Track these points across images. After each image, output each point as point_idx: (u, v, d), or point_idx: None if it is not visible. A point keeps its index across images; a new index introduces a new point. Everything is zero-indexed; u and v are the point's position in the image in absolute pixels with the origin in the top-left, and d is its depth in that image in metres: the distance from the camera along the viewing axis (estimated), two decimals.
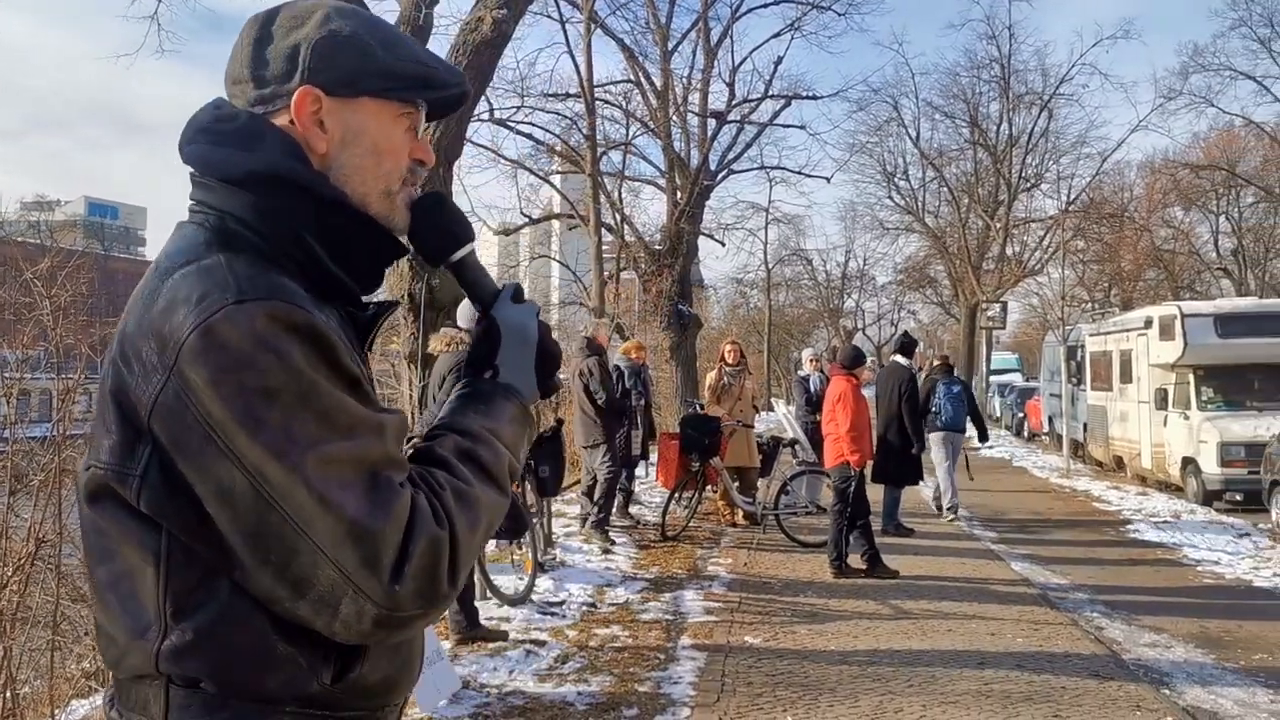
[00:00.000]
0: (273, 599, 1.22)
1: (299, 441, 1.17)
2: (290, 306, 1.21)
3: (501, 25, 7.74)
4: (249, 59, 1.37)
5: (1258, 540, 10.89)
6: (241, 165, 1.31)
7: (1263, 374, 14.83)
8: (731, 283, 45.26)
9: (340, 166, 1.36)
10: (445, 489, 1.28)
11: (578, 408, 10.16)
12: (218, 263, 1.24)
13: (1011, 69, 36.28)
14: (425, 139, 1.47)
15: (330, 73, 1.34)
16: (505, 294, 1.51)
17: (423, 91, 1.42)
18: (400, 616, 1.22)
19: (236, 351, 1.16)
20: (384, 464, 1.23)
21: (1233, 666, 6.45)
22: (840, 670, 6.21)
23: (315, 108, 1.34)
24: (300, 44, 1.35)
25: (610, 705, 5.49)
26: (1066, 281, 23.62)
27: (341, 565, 1.18)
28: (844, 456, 8.97)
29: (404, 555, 1.20)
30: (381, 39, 1.39)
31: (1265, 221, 37.56)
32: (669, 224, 21.79)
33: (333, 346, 1.23)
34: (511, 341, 1.47)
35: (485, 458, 1.36)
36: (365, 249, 1.38)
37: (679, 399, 18.75)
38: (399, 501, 1.21)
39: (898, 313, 55.53)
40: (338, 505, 1.17)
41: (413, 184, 1.45)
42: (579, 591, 8.01)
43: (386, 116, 1.39)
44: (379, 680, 1.35)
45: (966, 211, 38.92)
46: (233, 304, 1.18)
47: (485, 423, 1.39)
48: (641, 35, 23.13)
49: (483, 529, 1.33)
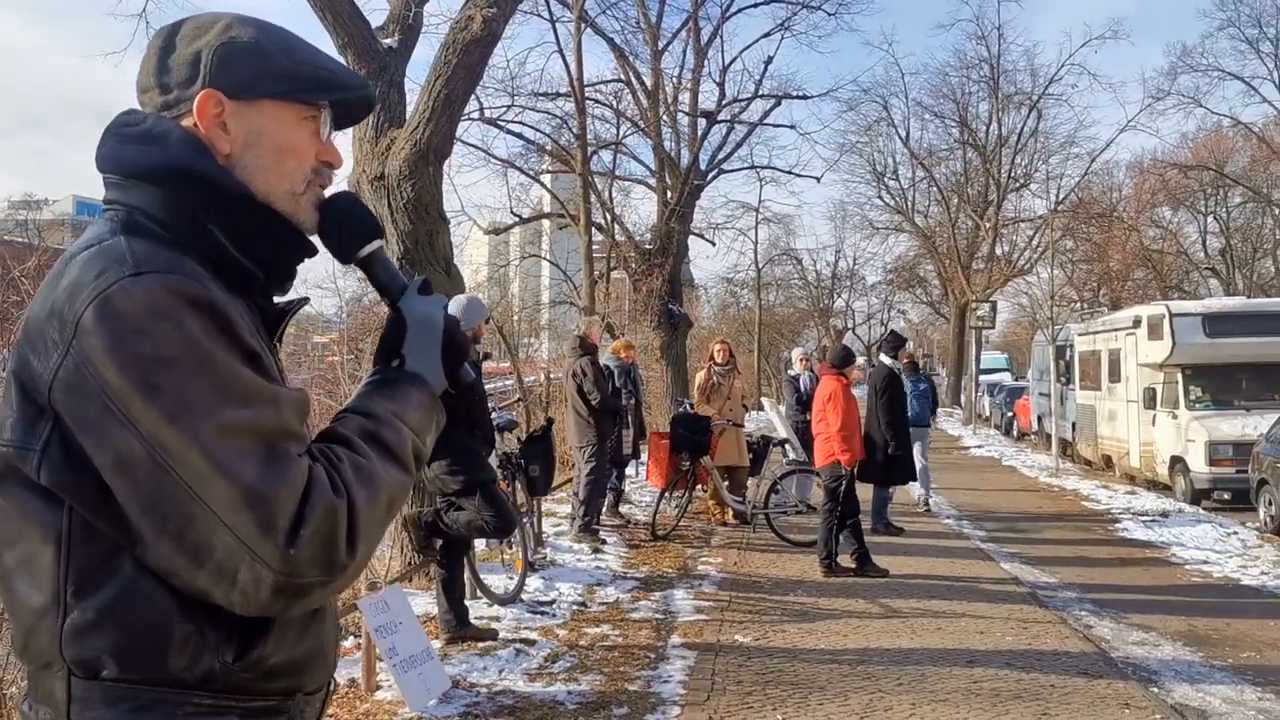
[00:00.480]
0: (172, 570, 1.24)
1: (195, 408, 1.20)
2: (186, 279, 1.25)
3: (491, 24, 7.72)
4: (154, 67, 1.44)
5: (1245, 539, 10.92)
6: (146, 160, 1.37)
7: (1250, 373, 14.89)
8: (722, 282, 45.32)
9: (244, 167, 1.41)
10: (344, 461, 1.31)
11: (570, 408, 10.10)
12: (117, 242, 1.29)
13: (1001, 69, 36.55)
14: (332, 142, 1.53)
15: (231, 77, 1.40)
16: (412, 287, 1.55)
17: (322, 94, 1.48)
18: (298, 583, 1.23)
19: (133, 321, 1.20)
20: (280, 435, 1.26)
21: (1220, 664, 6.47)
22: (830, 669, 6.21)
23: (217, 110, 1.40)
24: (202, 50, 1.40)
25: (600, 704, 5.49)
26: (1055, 281, 23.64)
27: (236, 530, 1.19)
28: (834, 456, 8.98)
29: (299, 520, 1.22)
30: (280, 45, 1.45)
31: (1253, 221, 37.76)
32: (659, 223, 21.80)
33: (229, 320, 1.27)
34: (417, 332, 1.51)
35: (388, 437, 1.39)
36: (272, 243, 1.43)
37: (669, 398, 18.75)
38: (295, 469, 1.24)
39: (887, 312, 55.65)
40: (233, 471, 1.19)
41: (320, 185, 1.50)
42: (569, 591, 8.00)
43: (288, 119, 1.45)
44: (285, 662, 1.36)
45: (956, 211, 39.09)
46: (129, 276, 1.23)
47: (390, 406, 1.43)
48: (632, 35, 23.17)
49: (384, 504, 1.34)
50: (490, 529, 6.38)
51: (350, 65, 7.90)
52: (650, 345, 20.09)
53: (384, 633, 5.13)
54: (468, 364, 1.60)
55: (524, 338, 32.02)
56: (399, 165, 7.57)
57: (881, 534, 10.80)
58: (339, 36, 7.79)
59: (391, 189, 7.60)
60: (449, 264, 8.01)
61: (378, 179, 7.64)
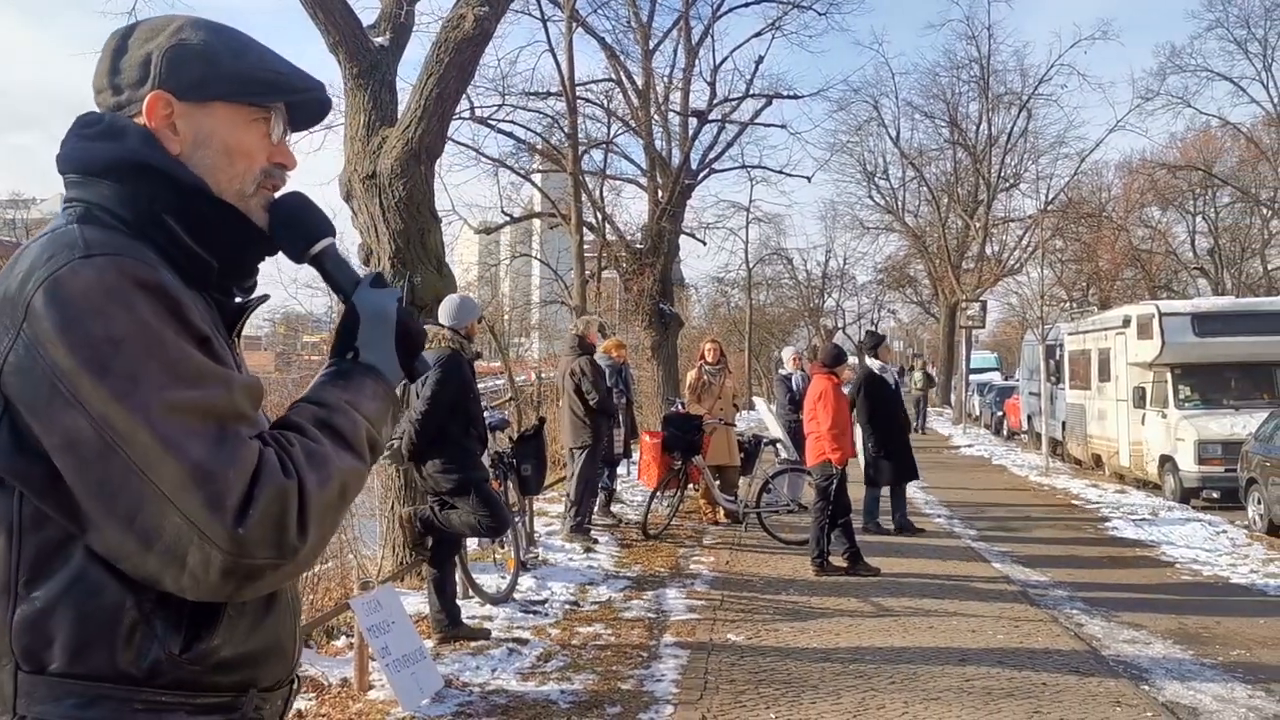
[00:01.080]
0: (121, 555, 1.23)
1: (144, 387, 1.20)
2: (137, 262, 1.26)
3: (483, 23, 7.70)
4: (107, 69, 1.46)
5: (1234, 537, 10.97)
6: (104, 156, 1.39)
7: (1239, 372, 14.96)
8: (712, 282, 45.29)
9: (193, 167, 1.43)
10: (295, 445, 1.31)
11: (567, 408, 10.06)
12: (70, 230, 1.30)
13: (991, 69, 36.59)
14: (286, 143, 1.54)
15: (180, 79, 1.42)
16: (365, 281, 1.57)
17: (273, 96, 1.50)
18: (248, 564, 1.22)
19: (83, 301, 1.21)
20: (230, 416, 1.26)
21: (1211, 662, 6.50)
22: (823, 667, 6.22)
23: (167, 111, 1.42)
24: (153, 53, 1.43)
25: (593, 703, 5.49)
26: (1045, 281, 23.73)
27: (184, 509, 1.19)
28: (825, 455, 8.99)
29: (248, 499, 1.22)
30: (231, 47, 1.46)
31: (1241, 221, 37.89)
32: (650, 223, 21.78)
33: (180, 303, 1.27)
34: (370, 325, 1.52)
35: (341, 424, 1.40)
36: (228, 236, 1.44)
37: (660, 398, 18.75)
38: (245, 450, 1.24)
39: (878, 312, 55.68)
40: (182, 449, 1.20)
41: (271, 187, 1.52)
42: (561, 590, 8.00)
43: (238, 120, 1.47)
44: (235, 656, 1.35)
45: (946, 211, 39.15)
46: (80, 259, 1.24)
47: (343, 395, 1.44)
48: (623, 34, 23.13)
49: (336, 489, 1.34)
50: (484, 528, 6.37)
51: (342, 64, 7.89)
52: (641, 344, 20.07)
53: (376, 632, 5.12)
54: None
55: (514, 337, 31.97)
56: (391, 164, 7.56)
57: (873, 534, 10.81)
58: (330, 35, 7.77)
59: (383, 188, 7.58)
60: (441, 263, 8.00)
61: (369, 178, 7.62)
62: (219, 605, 1.31)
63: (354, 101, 7.93)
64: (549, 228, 28.03)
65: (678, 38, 23.48)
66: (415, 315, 1.59)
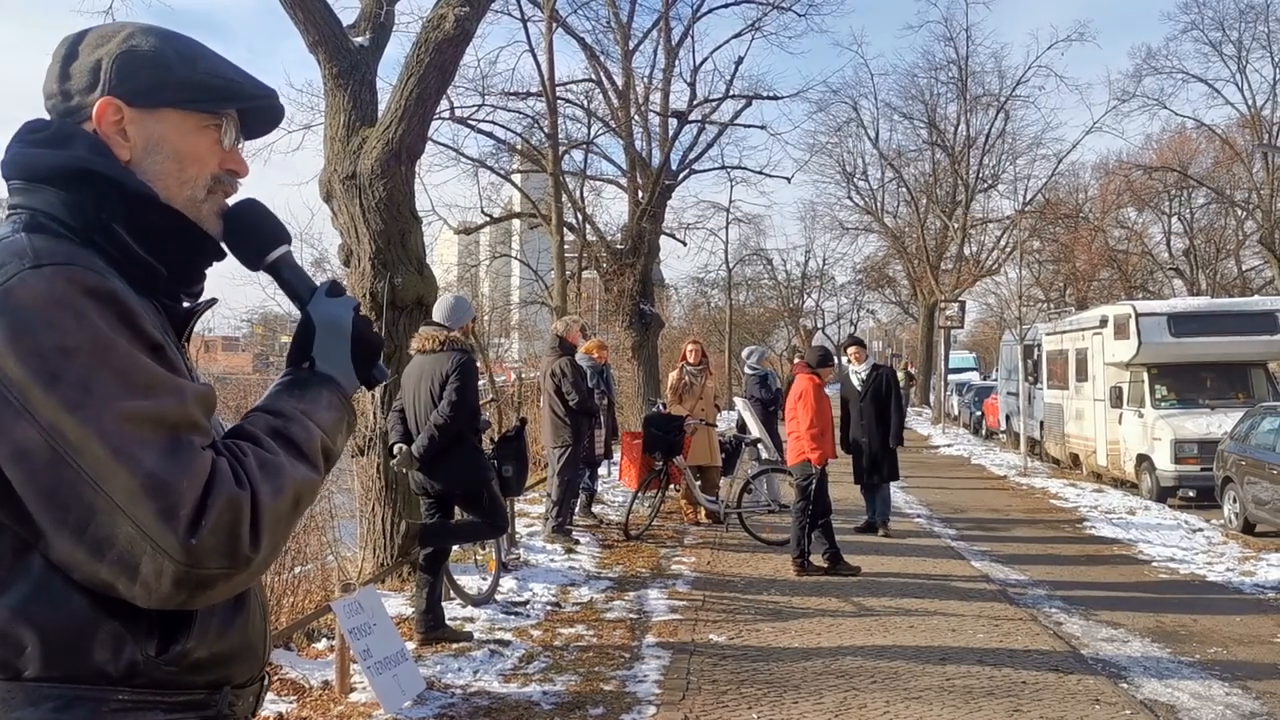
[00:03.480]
0: (73, 564, 1.22)
1: (95, 396, 1.19)
2: (87, 271, 1.25)
3: (464, 23, 7.68)
4: (57, 74, 1.45)
5: (1210, 535, 11.07)
6: (49, 162, 1.38)
7: (1215, 372, 15.12)
8: (692, 282, 45.46)
9: (143, 172, 1.42)
10: (248, 455, 1.31)
11: (547, 408, 10.06)
12: (19, 239, 1.28)
13: (969, 71, 36.76)
14: (237, 150, 1.54)
15: (130, 85, 1.41)
16: (320, 290, 1.57)
17: (224, 103, 1.49)
18: (200, 574, 1.22)
19: (33, 312, 1.19)
20: (183, 425, 1.25)
21: (1188, 660, 6.56)
22: (804, 667, 6.24)
23: (116, 117, 1.41)
24: (103, 59, 1.42)
25: (576, 704, 5.48)
26: (1023, 281, 23.86)
27: (137, 520, 1.18)
28: (804, 454, 9.01)
29: (201, 509, 1.21)
30: (182, 54, 1.46)
31: (1216, 222, 38.28)
32: (631, 223, 21.79)
33: (131, 311, 1.26)
34: (325, 334, 1.52)
35: (296, 434, 1.39)
36: (176, 243, 1.43)
37: (641, 398, 18.75)
38: (197, 460, 1.23)
39: (857, 312, 55.93)
40: (134, 459, 1.19)
41: (223, 193, 1.51)
42: (543, 591, 7.99)
43: (189, 127, 1.46)
44: (209, 655, 1.36)
45: (925, 212, 39.34)
46: (29, 269, 1.22)
47: (298, 405, 1.44)
48: (603, 34, 23.16)
49: (290, 499, 1.33)
50: (490, 530, 6.42)
51: (321, 64, 7.85)
52: (622, 345, 20.08)
53: (358, 634, 5.10)
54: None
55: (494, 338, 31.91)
56: (371, 164, 7.53)
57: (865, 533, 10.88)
58: (310, 34, 7.73)
59: (363, 188, 7.55)
60: (421, 263, 7.97)
61: (349, 178, 7.59)
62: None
63: (334, 101, 7.89)
64: (529, 228, 28.01)
65: (658, 38, 23.53)
66: (371, 324, 1.58)
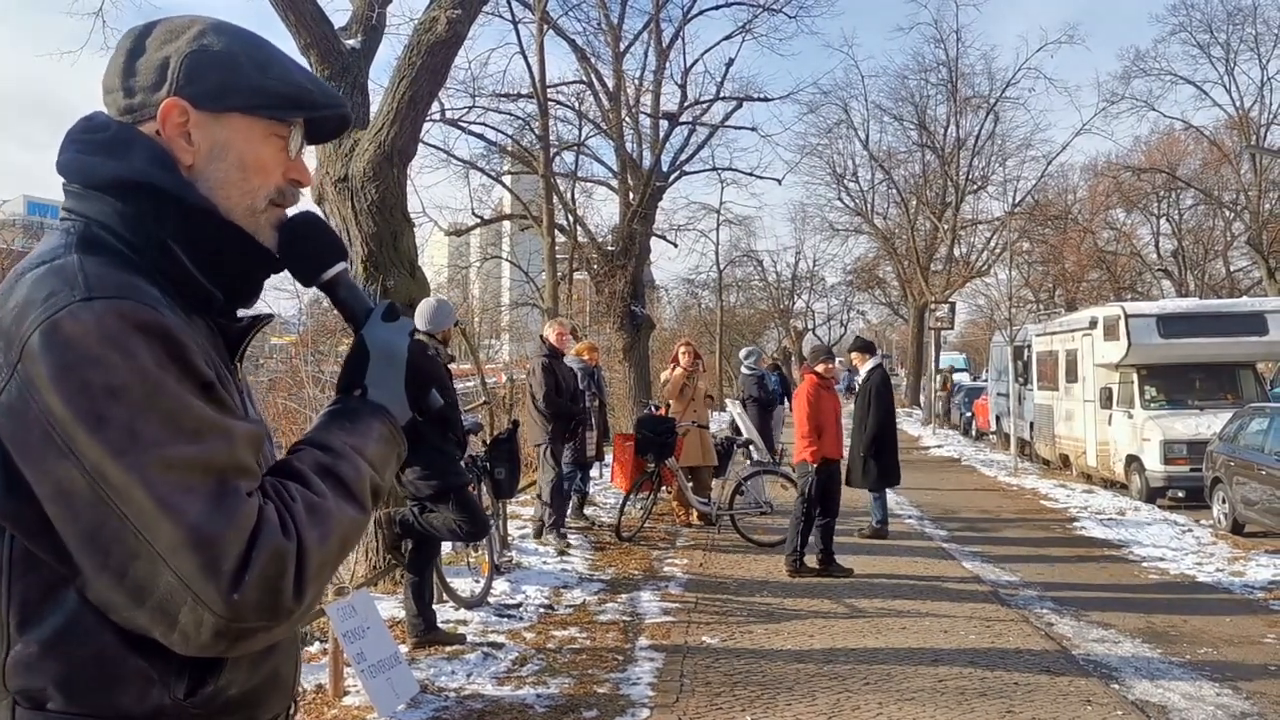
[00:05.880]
0: (111, 606, 1.20)
1: (141, 441, 1.15)
2: (138, 305, 1.20)
3: (456, 25, 7.68)
4: (121, 69, 1.38)
5: (1200, 536, 11.11)
6: (108, 171, 1.33)
7: (1204, 373, 15.19)
8: (683, 283, 45.45)
9: (205, 179, 1.37)
10: (297, 500, 1.26)
11: (529, 408, 10.15)
12: (70, 262, 1.23)
13: (959, 72, 36.86)
14: (301, 159, 1.48)
15: (198, 86, 1.36)
16: (376, 313, 1.50)
17: (294, 111, 1.44)
18: (240, 627, 1.19)
19: (81, 348, 1.15)
20: (231, 471, 1.21)
21: (1179, 660, 6.59)
22: (797, 669, 6.25)
23: (182, 120, 1.36)
24: (171, 57, 1.36)
25: (570, 707, 5.48)
26: (1012, 282, 23.94)
27: (179, 571, 1.15)
28: (802, 454, 9.03)
29: (245, 563, 1.17)
30: (255, 57, 1.40)
31: (1204, 224, 38.50)
32: (621, 225, 21.79)
33: (183, 347, 1.22)
34: (379, 360, 1.46)
35: (345, 473, 1.34)
36: (235, 260, 1.38)
37: (633, 400, 18.76)
38: (243, 509, 1.19)
39: (847, 313, 56.08)
40: (178, 509, 1.15)
41: (283, 204, 1.45)
42: (535, 593, 7.99)
43: (256, 134, 1.40)
44: (239, 695, 1.32)
45: (915, 213, 39.44)
46: (80, 301, 1.18)
47: (349, 439, 1.38)
48: (594, 36, 23.12)
49: (336, 544, 1.30)
50: (463, 533, 6.36)
51: (313, 66, 7.84)
52: (613, 347, 20.09)
53: (351, 638, 5.09)
54: (435, 390, 1.54)
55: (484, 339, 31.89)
56: (363, 167, 7.52)
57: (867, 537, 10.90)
58: (301, 37, 7.72)
59: (355, 191, 7.55)
60: (414, 266, 7.97)
61: (341, 181, 7.58)
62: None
63: None
64: (520, 229, 28.01)
65: (648, 40, 23.50)
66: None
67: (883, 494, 11.20)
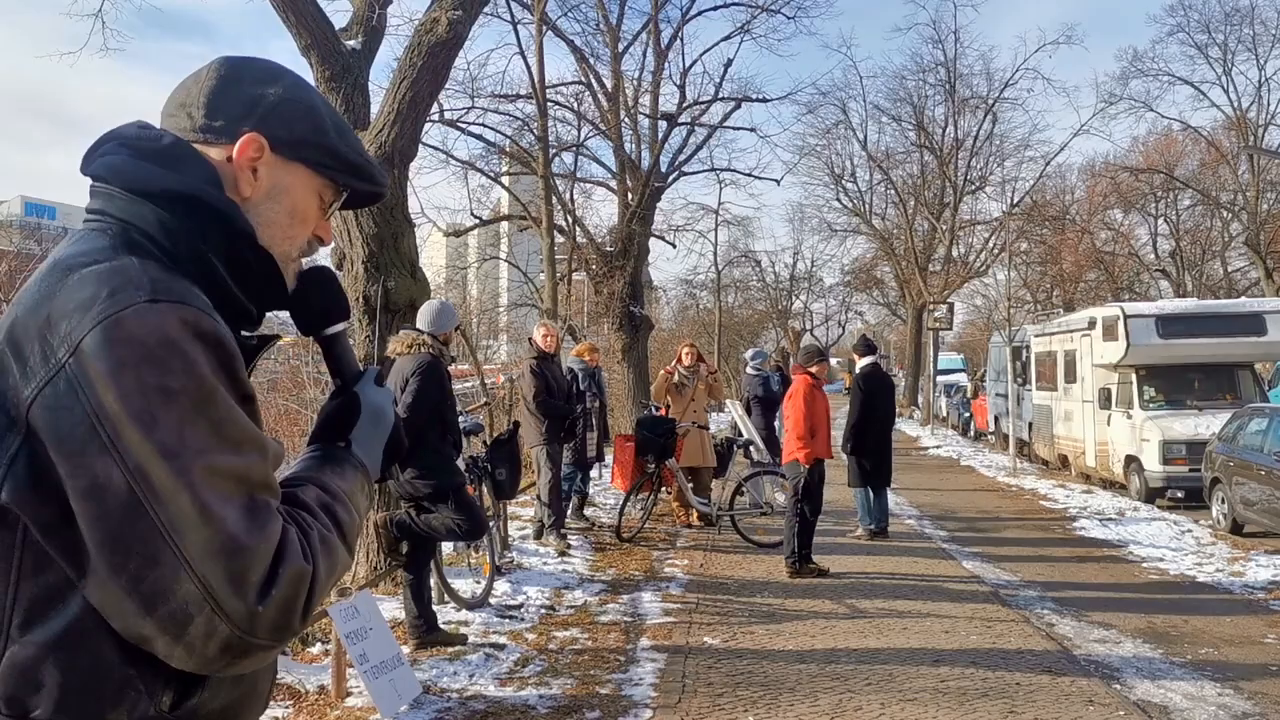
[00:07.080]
0: (116, 611, 1.19)
1: (190, 446, 1.17)
2: (200, 312, 1.23)
3: (456, 26, 7.69)
4: (210, 90, 1.43)
5: (1199, 536, 11.13)
6: (161, 181, 1.35)
7: (1203, 373, 15.19)
8: (681, 284, 45.46)
9: (256, 215, 1.42)
10: (313, 529, 1.30)
11: (524, 409, 10.16)
12: (131, 263, 1.25)
13: (957, 73, 36.88)
14: (327, 221, 1.56)
15: (282, 131, 1.43)
16: (369, 375, 1.58)
17: (352, 179, 1.53)
18: (250, 642, 1.20)
19: (143, 348, 1.17)
20: (262, 487, 1.24)
21: (1180, 660, 6.60)
22: (799, 669, 6.26)
23: (256, 154, 1.41)
24: (266, 95, 1.44)
25: (572, 708, 5.49)
26: (1011, 283, 23.94)
27: (206, 578, 1.16)
28: (793, 454, 9.05)
29: (271, 579, 1.20)
30: (336, 124, 1.51)
31: (1202, 224, 38.51)
32: (620, 225, 21.78)
33: (234, 357, 1.25)
34: (368, 420, 1.53)
35: (342, 516, 1.39)
36: (264, 285, 1.43)
37: (632, 401, 18.75)
38: (273, 525, 1.22)
39: (845, 314, 56.06)
40: (218, 517, 1.16)
41: (305, 256, 1.53)
42: (537, 594, 7.99)
43: (311, 187, 1.49)
44: (221, 708, 1.34)
45: (913, 213, 39.47)
46: (145, 302, 1.19)
47: (342, 484, 1.44)
48: (592, 37, 23.11)
49: (333, 579, 1.33)
50: (461, 533, 6.36)
51: (314, 67, 7.84)
52: (612, 347, 20.07)
53: (354, 639, 5.10)
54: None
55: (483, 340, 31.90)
56: None
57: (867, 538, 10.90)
58: (302, 38, 7.72)
59: None
60: (414, 266, 7.97)
61: None
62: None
63: None
64: (518, 230, 27.98)
65: (647, 40, 23.50)
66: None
67: (870, 495, 11.11)
